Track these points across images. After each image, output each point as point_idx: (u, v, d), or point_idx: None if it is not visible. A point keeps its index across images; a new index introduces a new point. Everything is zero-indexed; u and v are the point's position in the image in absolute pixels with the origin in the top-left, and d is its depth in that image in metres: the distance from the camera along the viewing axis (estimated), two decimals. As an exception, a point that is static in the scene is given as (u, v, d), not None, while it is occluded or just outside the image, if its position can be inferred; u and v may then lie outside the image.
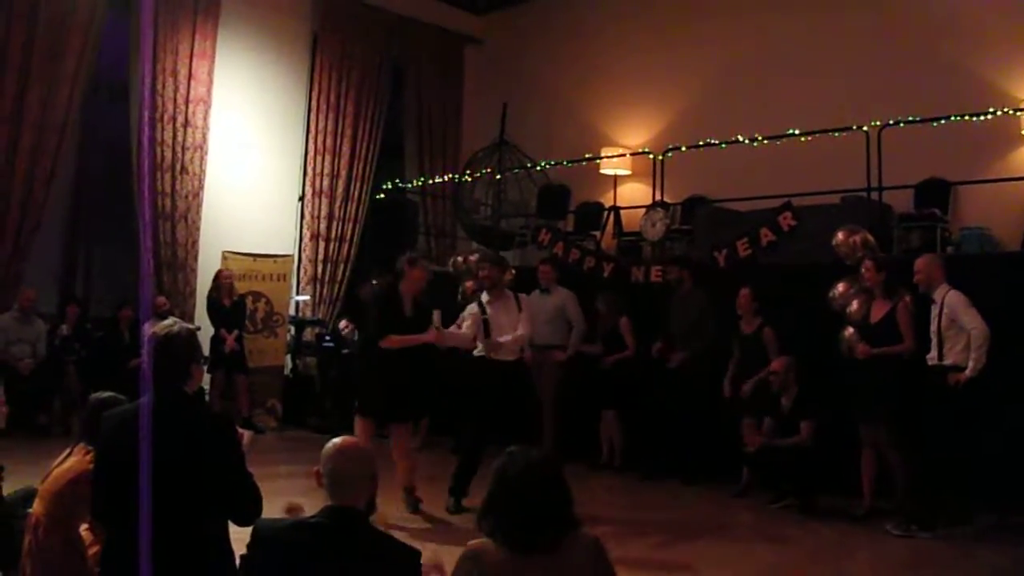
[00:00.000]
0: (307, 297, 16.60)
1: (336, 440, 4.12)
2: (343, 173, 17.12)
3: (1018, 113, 12.55)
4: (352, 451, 4.08)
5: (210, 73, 15.33)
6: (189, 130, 15.00)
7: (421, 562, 4.03)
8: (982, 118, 12.02)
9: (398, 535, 4.67)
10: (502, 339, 9.61)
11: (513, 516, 3.82)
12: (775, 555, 8.53)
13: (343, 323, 15.66)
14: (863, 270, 9.55)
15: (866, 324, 9.51)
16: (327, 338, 15.92)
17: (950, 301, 8.81)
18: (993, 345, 8.77)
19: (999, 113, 12.09)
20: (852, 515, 9.48)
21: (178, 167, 14.89)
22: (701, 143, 13.84)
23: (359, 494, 4.03)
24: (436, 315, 9.43)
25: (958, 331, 8.75)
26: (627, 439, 12.02)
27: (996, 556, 8.35)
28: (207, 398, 13.32)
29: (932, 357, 8.93)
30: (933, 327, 8.92)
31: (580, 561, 3.90)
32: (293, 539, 3.90)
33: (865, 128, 11.85)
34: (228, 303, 14.40)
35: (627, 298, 12.12)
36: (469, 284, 12.94)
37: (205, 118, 15.24)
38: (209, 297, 14.49)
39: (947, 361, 8.80)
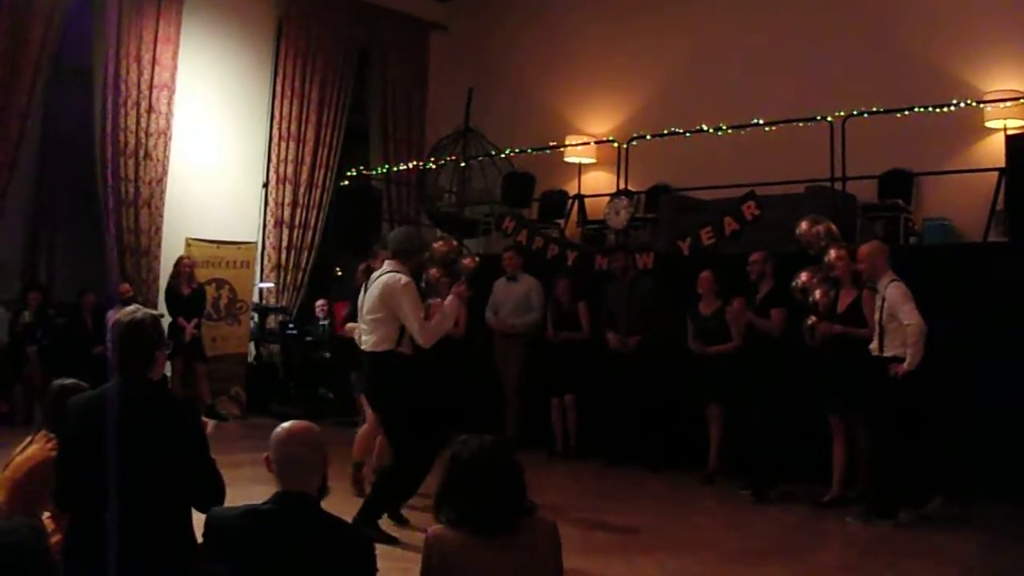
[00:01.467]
0: (271, 284, 16.54)
1: (285, 424, 4.04)
2: (307, 160, 17.07)
3: (982, 105, 12.63)
4: (302, 435, 4.00)
5: (174, 59, 15.26)
6: (153, 116, 14.93)
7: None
8: (946, 110, 12.09)
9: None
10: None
11: (468, 501, 3.84)
12: (738, 542, 8.55)
13: (321, 302, 15.61)
14: (835, 259, 9.57)
15: (832, 312, 9.55)
16: (291, 325, 15.89)
17: (890, 293, 8.74)
18: (952, 335, 8.83)
19: (963, 105, 12.15)
20: (817, 502, 9.53)
21: (141, 153, 14.81)
22: (666, 132, 13.86)
23: (310, 479, 3.94)
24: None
25: (899, 324, 8.73)
26: (587, 425, 12.03)
27: (958, 543, 8.43)
28: (169, 386, 13.25)
29: (874, 347, 8.92)
30: (876, 317, 8.90)
31: (539, 544, 3.93)
32: (244, 527, 3.85)
33: (829, 118, 11.87)
34: (187, 291, 14.33)
35: (590, 285, 12.12)
36: (433, 271, 12.93)
37: (169, 104, 15.17)
38: (168, 285, 14.43)
39: (887, 353, 8.78)
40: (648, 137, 14.11)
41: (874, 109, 12.05)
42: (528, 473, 3.99)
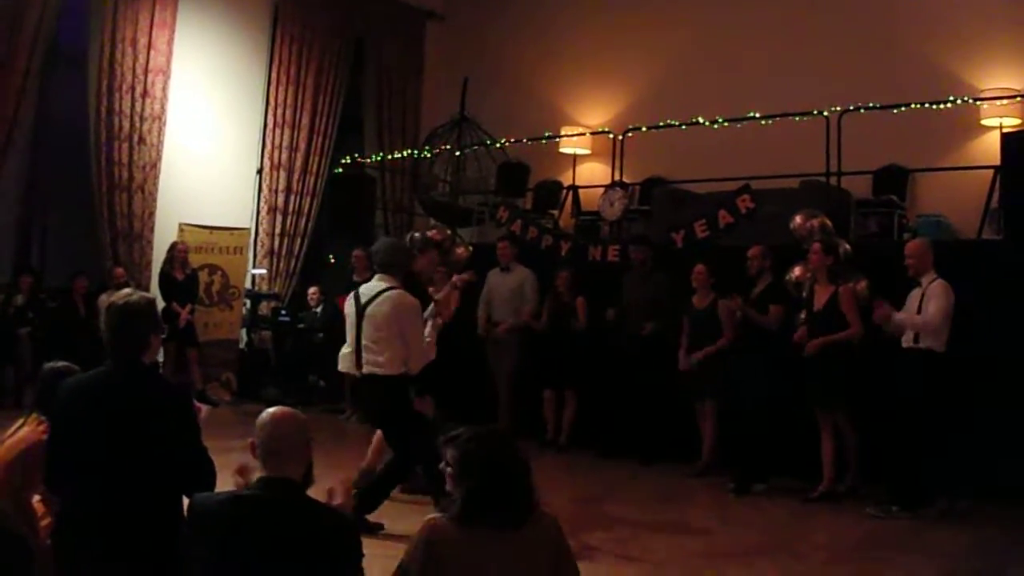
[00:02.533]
0: (263, 270, 16.52)
1: (270, 410, 4.09)
2: (302, 146, 17.04)
3: (978, 103, 12.66)
4: (286, 421, 4.04)
5: (170, 43, 15.20)
6: (147, 100, 14.87)
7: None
8: (942, 107, 12.10)
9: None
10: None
11: (474, 494, 3.82)
12: (730, 535, 8.58)
13: (313, 289, 15.59)
14: (811, 252, 9.59)
15: (810, 311, 9.56)
16: (283, 312, 15.87)
17: (933, 289, 8.84)
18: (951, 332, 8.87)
19: (959, 102, 12.18)
20: (808, 497, 9.53)
21: (135, 137, 14.76)
22: (661, 124, 13.87)
23: (294, 464, 3.97)
24: None
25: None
26: (580, 417, 12.02)
27: (948, 539, 8.42)
28: (161, 370, 13.22)
29: (907, 339, 8.95)
30: (913, 310, 8.95)
31: (541, 540, 3.91)
32: (227, 512, 3.87)
33: (825, 113, 11.90)
34: (181, 276, 14.31)
35: (583, 276, 12.10)
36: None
37: (164, 88, 15.12)
38: (162, 270, 14.40)
39: (923, 344, 8.82)
40: (643, 129, 14.11)
41: (870, 105, 12.06)
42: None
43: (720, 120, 13.23)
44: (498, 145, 15.91)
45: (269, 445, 3.95)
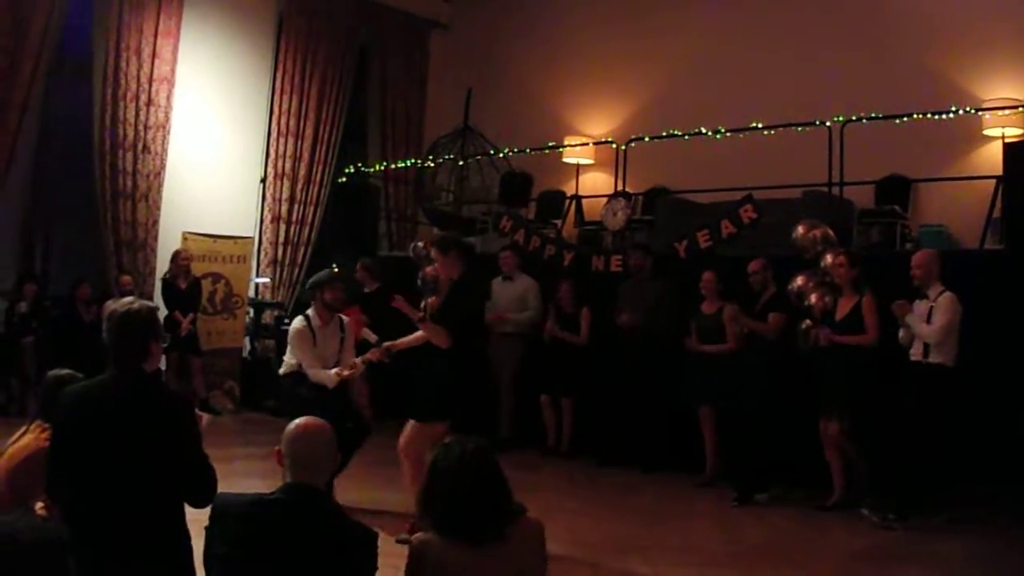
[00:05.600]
0: (267, 279, 16.51)
1: (299, 420, 4.13)
2: (306, 156, 17.03)
3: (980, 113, 12.65)
4: (314, 432, 4.10)
5: (174, 52, 15.21)
6: (152, 109, 14.88)
7: None
8: (944, 117, 12.11)
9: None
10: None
11: (450, 509, 3.85)
12: (730, 545, 8.58)
13: None
14: (834, 265, 9.57)
15: (831, 320, 9.54)
16: (286, 320, 15.87)
17: (942, 302, 8.84)
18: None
19: (961, 112, 12.18)
20: (821, 506, 9.56)
21: (140, 146, 14.76)
22: (664, 134, 13.90)
23: (319, 474, 4.05)
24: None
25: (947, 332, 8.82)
26: (581, 426, 12.06)
27: (950, 549, 8.42)
28: (164, 379, 13.22)
29: (916, 353, 8.97)
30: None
31: (527, 548, 3.94)
32: (251, 514, 3.92)
33: (828, 123, 11.91)
34: (184, 285, 14.31)
35: (586, 286, 12.13)
36: (429, 269, 12.93)
37: (168, 97, 15.12)
38: (164, 278, 14.41)
39: (933, 359, 8.83)
40: (647, 139, 14.14)
41: (873, 115, 12.08)
42: (521, 472, 4.02)
43: (722, 130, 13.23)
44: (501, 155, 15.92)
45: (296, 456, 4.02)
